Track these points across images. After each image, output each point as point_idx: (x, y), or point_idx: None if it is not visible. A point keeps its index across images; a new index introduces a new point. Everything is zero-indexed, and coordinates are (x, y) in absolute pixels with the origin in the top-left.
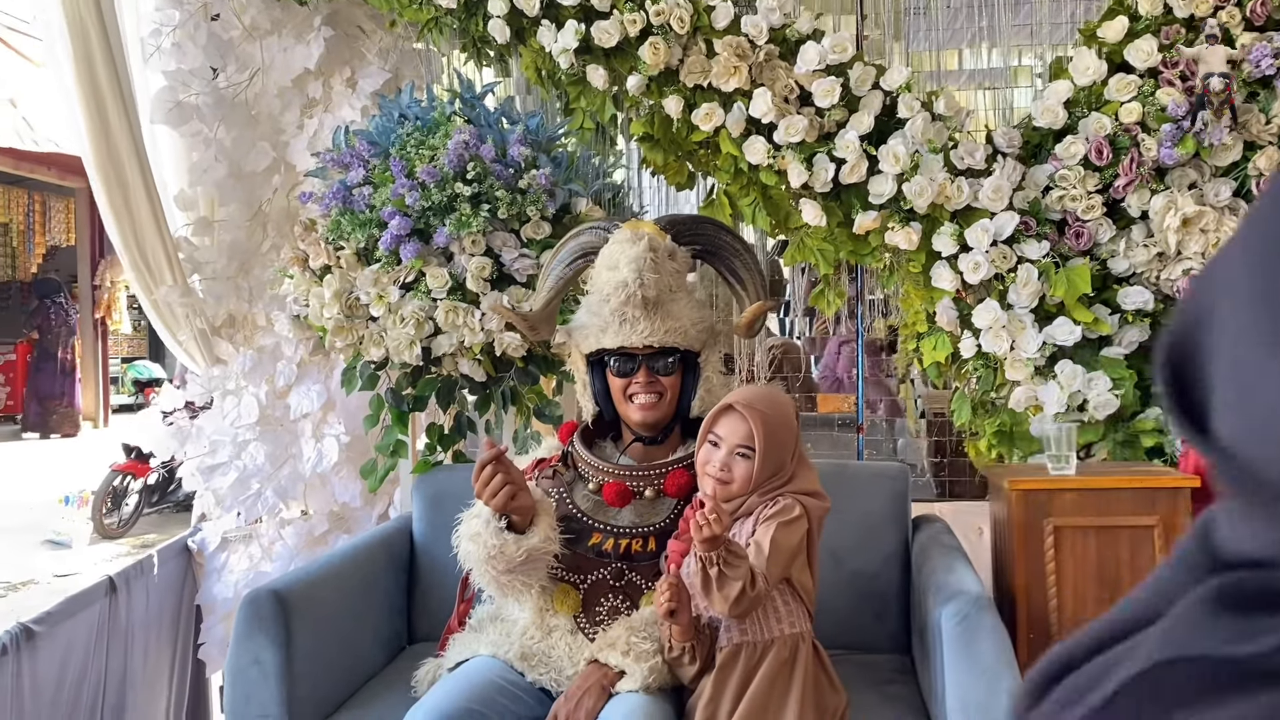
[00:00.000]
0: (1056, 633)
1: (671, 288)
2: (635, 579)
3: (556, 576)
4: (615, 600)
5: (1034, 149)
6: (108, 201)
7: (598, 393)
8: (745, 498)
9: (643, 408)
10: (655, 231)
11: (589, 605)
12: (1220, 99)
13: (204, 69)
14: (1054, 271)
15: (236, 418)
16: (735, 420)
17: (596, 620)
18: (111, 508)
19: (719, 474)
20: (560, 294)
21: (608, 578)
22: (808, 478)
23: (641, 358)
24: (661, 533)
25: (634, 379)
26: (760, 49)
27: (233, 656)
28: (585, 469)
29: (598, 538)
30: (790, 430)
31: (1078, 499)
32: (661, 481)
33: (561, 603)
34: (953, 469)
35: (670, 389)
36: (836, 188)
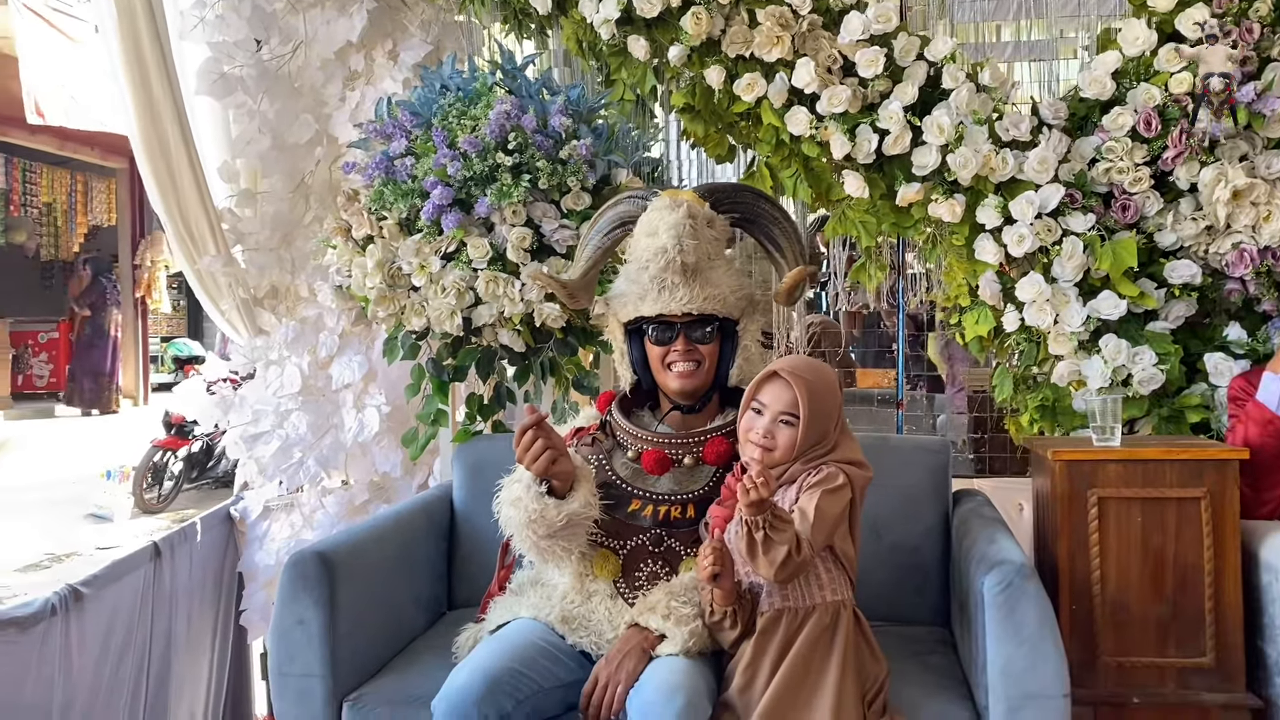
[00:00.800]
0: (1099, 604)
1: (710, 255)
2: (674, 545)
3: (596, 542)
4: (654, 566)
5: (1080, 121)
6: (152, 173)
7: (636, 361)
8: (788, 465)
9: (681, 376)
10: (694, 199)
11: (628, 570)
12: (1220, 99)
13: (248, 41)
14: (1099, 245)
15: (279, 387)
16: (780, 387)
17: (636, 585)
18: (152, 483)
19: (762, 441)
20: (599, 263)
21: (647, 544)
22: (850, 447)
23: (680, 325)
24: (700, 500)
25: (672, 347)
26: (803, 19)
27: (278, 616)
28: (624, 437)
29: (637, 504)
30: (834, 399)
31: (1123, 470)
32: (700, 449)
33: (601, 568)
34: (993, 445)
35: (708, 357)
36: (879, 159)
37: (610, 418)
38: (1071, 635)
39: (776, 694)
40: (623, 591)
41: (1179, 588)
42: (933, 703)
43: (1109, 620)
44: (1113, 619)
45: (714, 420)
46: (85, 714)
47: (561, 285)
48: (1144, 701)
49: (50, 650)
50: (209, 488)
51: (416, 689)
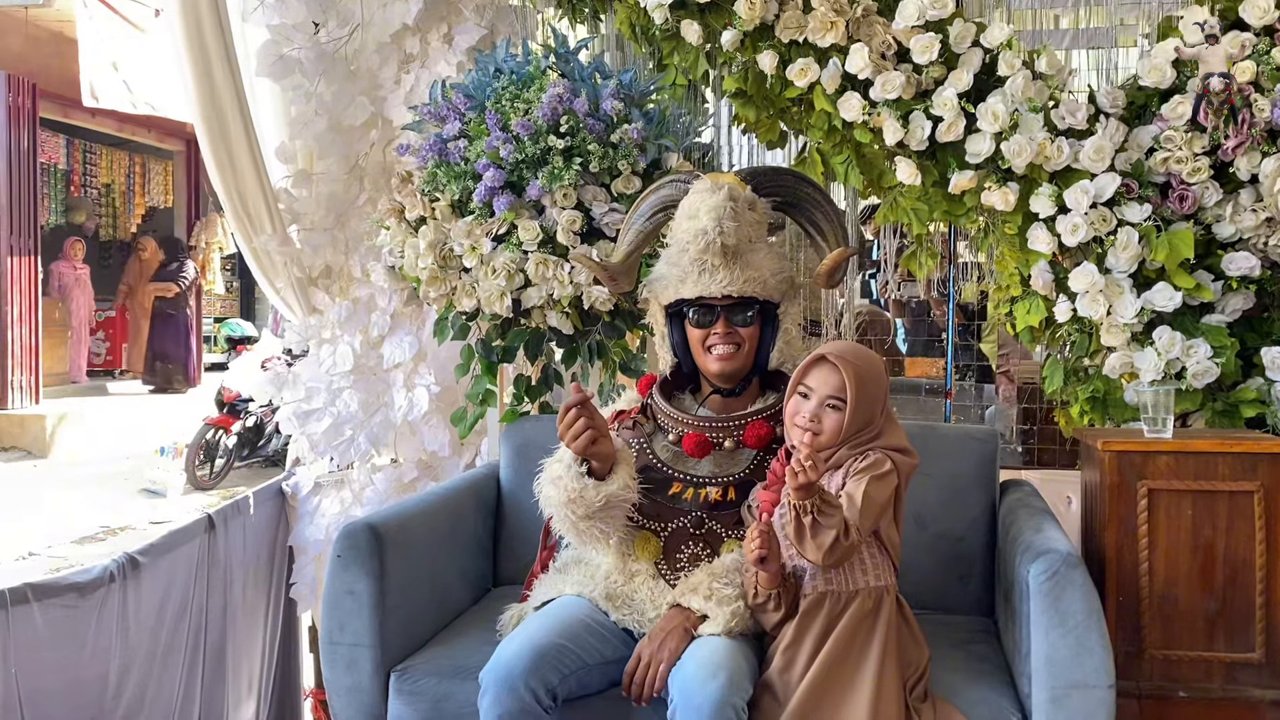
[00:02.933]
0: (1147, 596)
1: (751, 238)
2: (716, 527)
3: (637, 524)
4: (696, 548)
5: (1138, 109)
6: (212, 153)
7: (676, 344)
8: (834, 450)
9: (720, 359)
10: (735, 182)
11: (669, 552)
12: (1220, 99)
13: (306, 24)
14: (1155, 235)
15: (332, 365)
16: (827, 371)
17: (677, 567)
18: (204, 460)
19: (809, 425)
20: (641, 247)
21: (688, 526)
22: (896, 434)
23: (720, 309)
24: (741, 483)
25: (712, 330)
26: (858, 4)
27: (329, 586)
28: (665, 420)
29: (678, 487)
30: (880, 385)
31: (1174, 462)
32: (741, 433)
33: (643, 549)
34: (1042, 437)
35: (748, 340)
36: (932, 146)
37: (651, 401)
38: (1118, 627)
39: (817, 677)
40: (664, 573)
41: (1229, 582)
42: (974, 690)
43: (1156, 613)
44: (1160, 611)
45: (754, 404)
46: (142, 679)
47: (603, 268)
48: (1190, 696)
49: (108, 616)
50: (259, 466)
51: (462, 661)
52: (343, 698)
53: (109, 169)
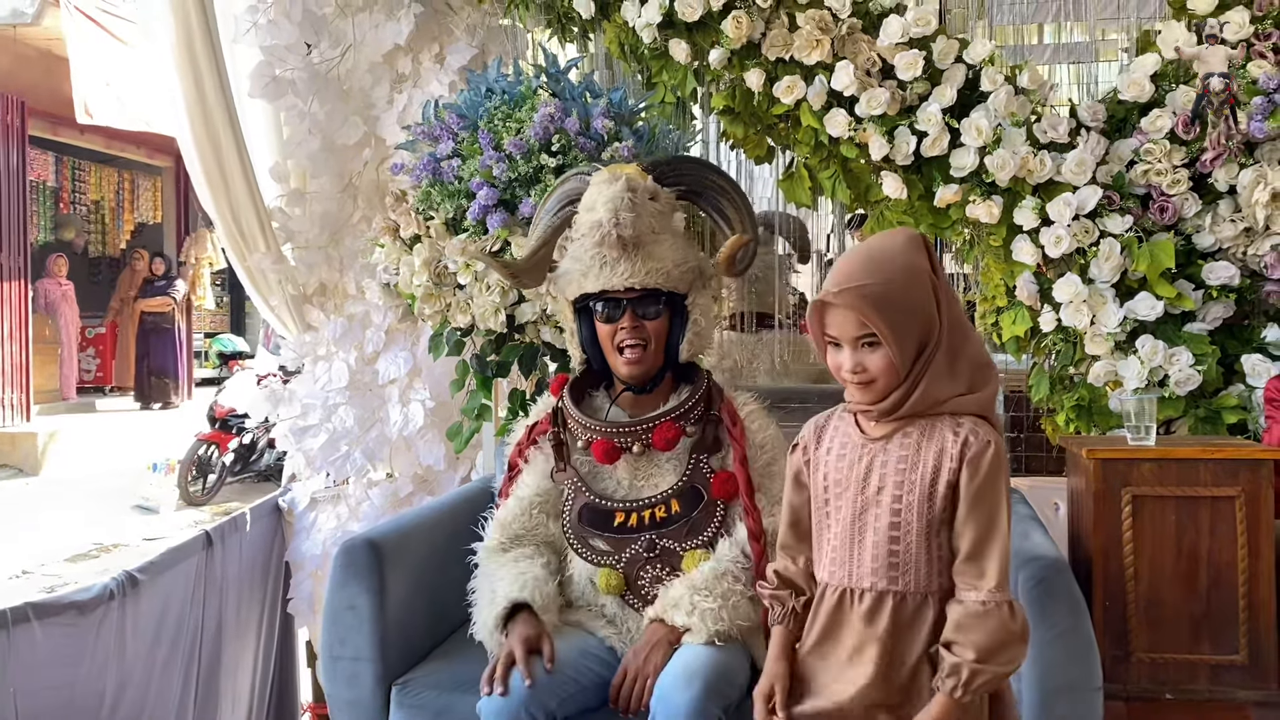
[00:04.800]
0: (1133, 600)
1: (654, 229)
2: (669, 544)
3: (594, 563)
4: (656, 570)
5: (1119, 123)
6: (204, 173)
7: (585, 341)
8: (903, 391)
9: (629, 362)
10: (636, 173)
11: (631, 582)
12: (1220, 99)
13: (299, 45)
14: (1137, 246)
15: (327, 382)
16: (838, 314)
17: (643, 593)
18: (196, 476)
19: (856, 377)
20: (548, 243)
21: (641, 551)
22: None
23: (626, 302)
24: (682, 493)
25: (619, 325)
26: (843, 22)
27: (329, 601)
28: (574, 426)
29: (621, 516)
30: (910, 286)
31: (1157, 469)
32: (649, 436)
33: (606, 586)
34: (1029, 445)
35: (655, 337)
36: (918, 160)
37: (562, 404)
38: (1105, 631)
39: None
40: (632, 603)
41: (1213, 585)
42: None
43: (1142, 617)
44: (1146, 615)
45: (668, 400)
46: (138, 696)
47: (503, 266)
48: (1177, 697)
49: (106, 633)
50: (251, 481)
51: (462, 674)
52: (344, 712)
53: (98, 186)
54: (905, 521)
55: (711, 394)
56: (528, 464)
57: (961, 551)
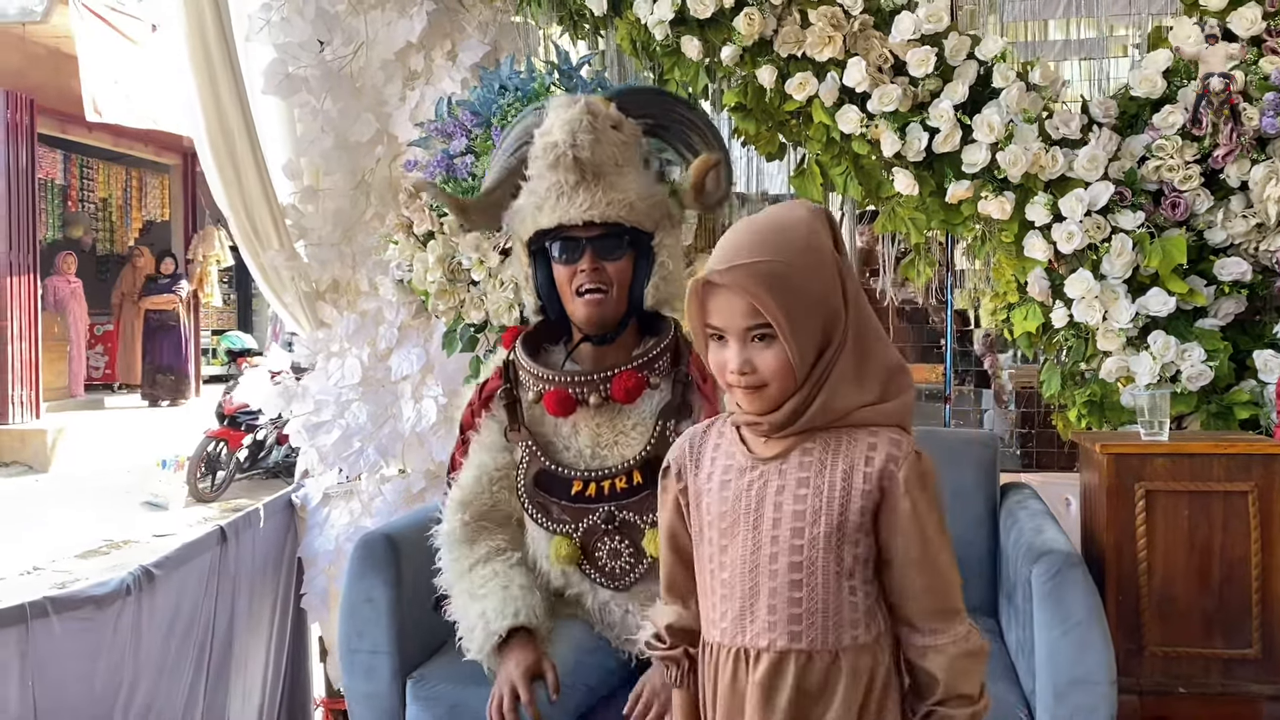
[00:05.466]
0: (1146, 595)
1: (617, 160)
2: (629, 517)
3: (548, 530)
4: (613, 542)
5: (1130, 119)
6: (217, 170)
7: (541, 287)
8: (801, 398)
9: (588, 304)
10: (598, 100)
11: (589, 553)
12: (1220, 99)
13: (311, 42)
14: (1149, 242)
15: (340, 378)
16: (724, 298)
17: (600, 565)
18: (205, 472)
19: (743, 380)
20: (504, 183)
21: (599, 522)
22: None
23: (585, 242)
24: (645, 464)
25: (578, 267)
26: (855, 19)
27: (347, 595)
28: (525, 378)
29: (579, 485)
30: (817, 265)
31: (1170, 464)
32: (608, 386)
33: (559, 556)
34: (1040, 440)
35: (618, 281)
36: (929, 157)
37: (514, 356)
38: (1118, 625)
39: None
40: (589, 574)
41: (1225, 580)
42: None
43: (1155, 611)
44: (1159, 610)
45: (633, 352)
46: (151, 691)
47: (457, 204)
48: (1190, 691)
49: (123, 629)
50: (260, 478)
51: (477, 668)
52: (361, 704)
53: (106, 183)
54: (810, 562)
55: (680, 347)
56: (479, 434)
57: (914, 602)
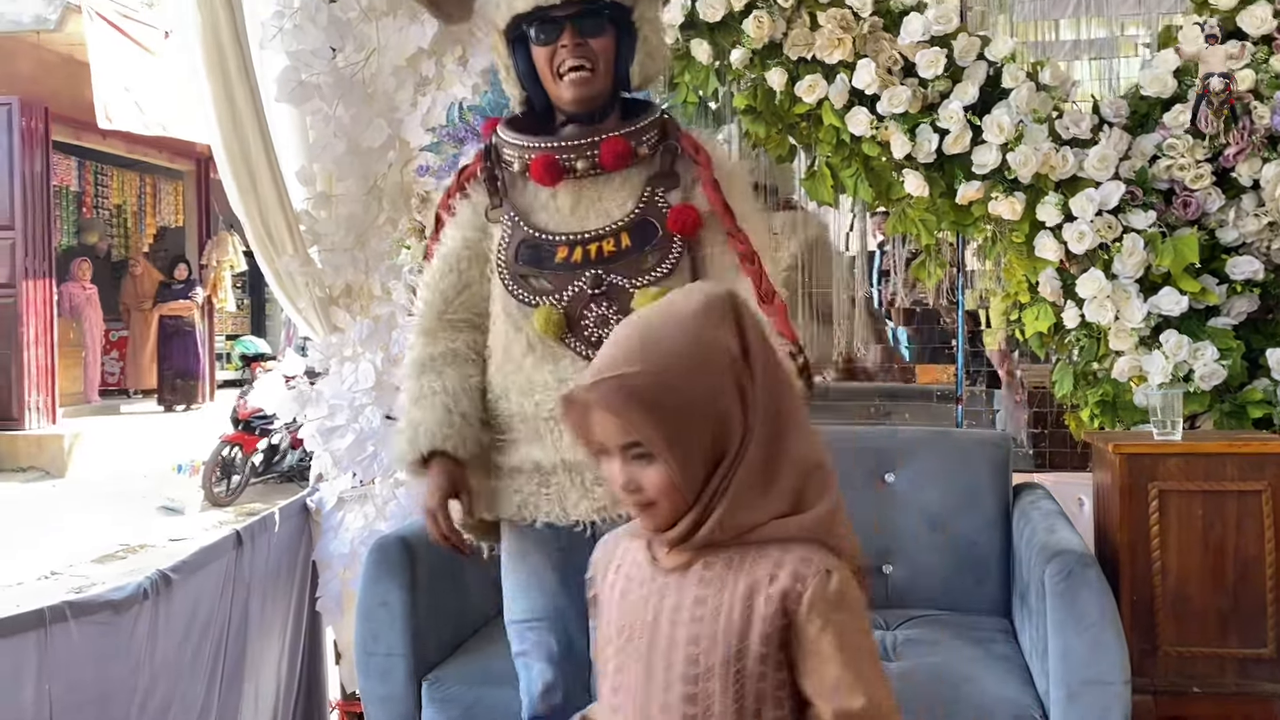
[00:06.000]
0: (1160, 595)
1: None
2: (617, 280)
3: (530, 303)
4: (601, 309)
5: (1141, 118)
6: (233, 176)
7: (523, 75)
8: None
9: (574, 83)
10: None
11: (574, 322)
12: (1220, 99)
13: (324, 49)
14: (1160, 241)
15: (354, 383)
16: (598, 412)
17: (586, 337)
18: (220, 477)
19: (630, 499)
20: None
21: (585, 288)
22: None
23: (564, 19)
24: (634, 225)
25: (559, 44)
26: (864, 21)
27: (363, 598)
28: (509, 153)
29: (563, 251)
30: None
31: (1183, 464)
32: (595, 151)
33: (544, 326)
34: (1053, 440)
35: (602, 56)
36: (940, 158)
37: (495, 137)
38: (1132, 625)
39: None
40: (574, 346)
41: (1240, 579)
42: (995, 685)
43: (1170, 611)
44: (1173, 610)
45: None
46: (167, 694)
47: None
48: (1204, 691)
49: (140, 633)
50: (274, 482)
51: (491, 668)
52: (378, 707)
53: (120, 190)
54: (705, 695)
55: (667, 125)
56: (454, 216)
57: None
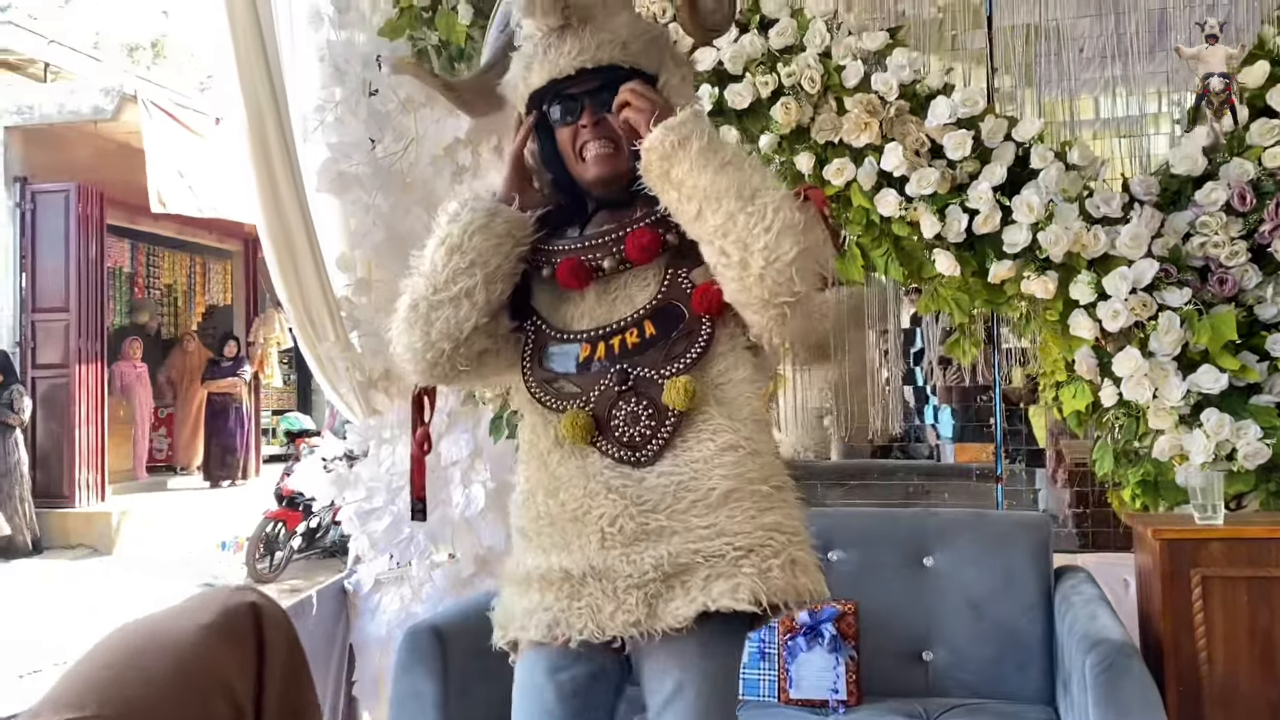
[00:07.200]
0: (1207, 685)
1: (604, 2)
2: (644, 373)
3: (555, 409)
4: (630, 406)
5: (1173, 196)
6: (278, 264)
7: (549, 160)
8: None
9: (596, 163)
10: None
11: (603, 423)
12: (1220, 99)
13: (363, 141)
14: (1197, 319)
15: (392, 465)
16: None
17: (618, 437)
18: (264, 553)
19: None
20: (496, 63)
21: (612, 385)
22: None
23: (583, 96)
24: (656, 312)
25: (579, 124)
26: (891, 105)
27: (395, 688)
28: (539, 258)
29: (587, 350)
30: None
31: (1227, 549)
32: (621, 247)
33: (572, 431)
34: (1096, 519)
35: (625, 132)
36: (970, 237)
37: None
38: (1179, 717)
39: None
40: (607, 450)
41: None
42: None
43: (1217, 701)
44: (1221, 700)
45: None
46: None
47: (446, 85)
48: None
49: None
50: (316, 557)
51: None
52: None
53: (171, 270)
54: None
55: None
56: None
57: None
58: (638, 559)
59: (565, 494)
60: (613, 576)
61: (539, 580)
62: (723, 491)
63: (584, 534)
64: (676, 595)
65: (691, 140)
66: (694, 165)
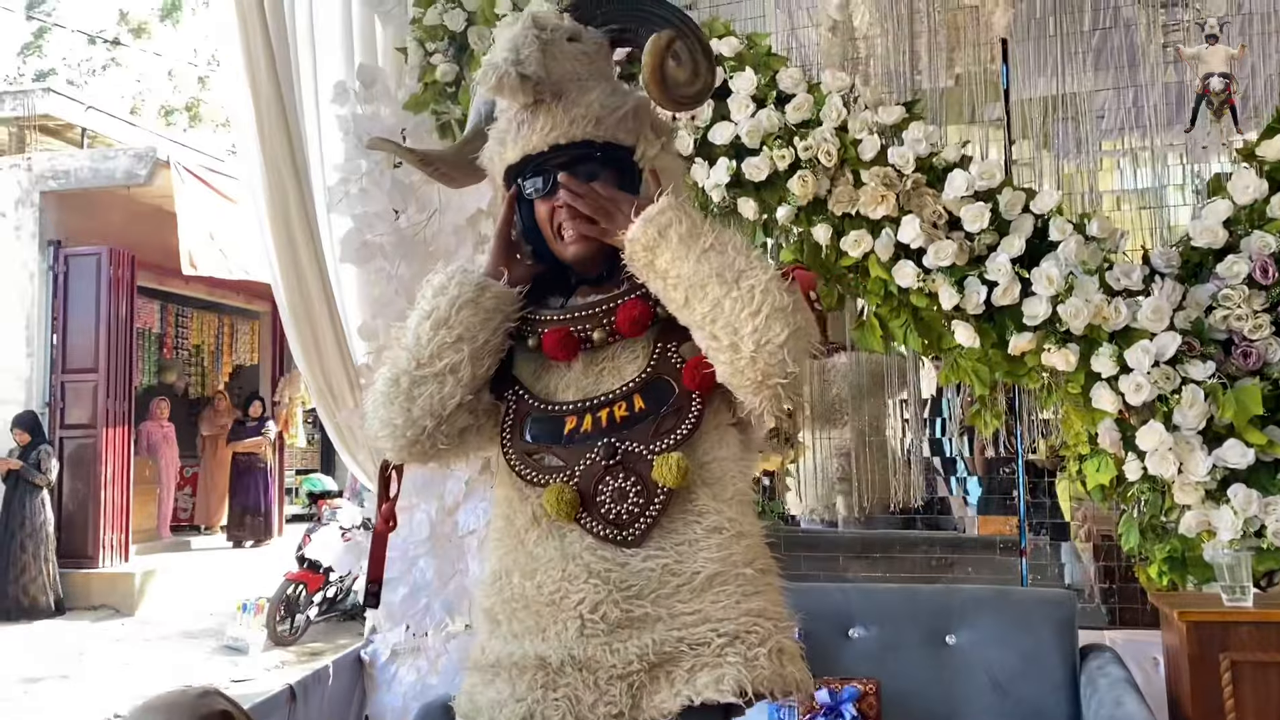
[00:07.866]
0: None
1: (579, 75)
2: (632, 447)
3: (536, 482)
4: (617, 482)
5: (1194, 268)
6: (296, 333)
7: (529, 233)
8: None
9: (572, 241)
10: (549, 12)
11: (588, 499)
12: (1220, 99)
13: (387, 211)
14: (1222, 393)
15: (408, 534)
16: None
17: (603, 514)
18: (284, 615)
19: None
20: (477, 136)
21: (599, 459)
22: None
23: (555, 171)
24: (645, 385)
25: (555, 200)
26: (907, 178)
27: None
28: (524, 327)
29: (572, 422)
30: None
31: (1257, 632)
32: (612, 319)
33: (555, 507)
34: (1123, 595)
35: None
36: (989, 309)
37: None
38: None
39: None
40: (592, 528)
41: None
42: None
43: None
44: None
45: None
46: None
47: (423, 160)
48: None
49: None
50: (336, 620)
51: None
52: None
53: (200, 330)
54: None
55: None
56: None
57: None
58: (621, 648)
59: (543, 575)
60: (594, 667)
61: (510, 668)
62: (707, 575)
63: (560, 619)
64: (661, 687)
65: (671, 230)
66: (675, 255)
